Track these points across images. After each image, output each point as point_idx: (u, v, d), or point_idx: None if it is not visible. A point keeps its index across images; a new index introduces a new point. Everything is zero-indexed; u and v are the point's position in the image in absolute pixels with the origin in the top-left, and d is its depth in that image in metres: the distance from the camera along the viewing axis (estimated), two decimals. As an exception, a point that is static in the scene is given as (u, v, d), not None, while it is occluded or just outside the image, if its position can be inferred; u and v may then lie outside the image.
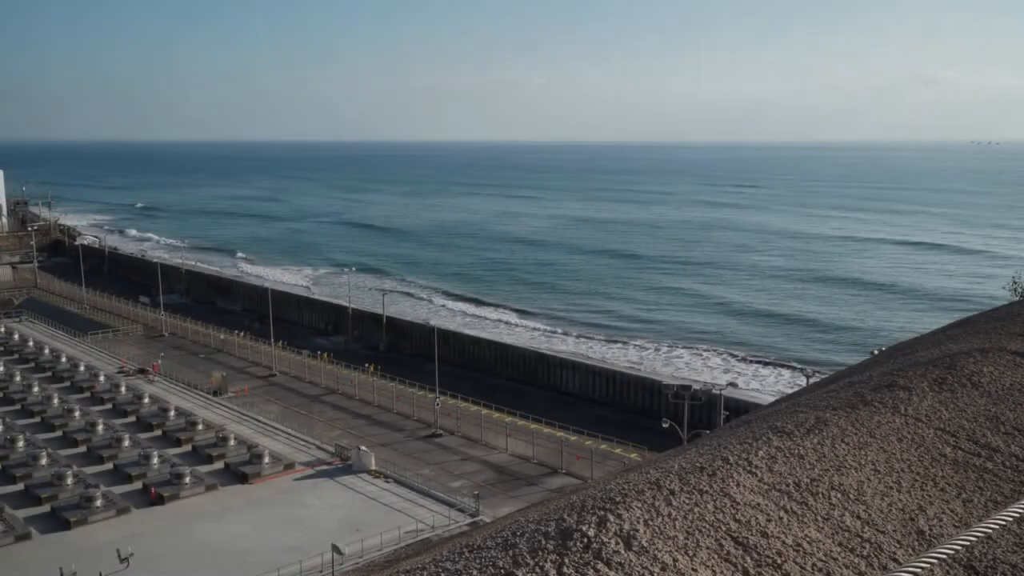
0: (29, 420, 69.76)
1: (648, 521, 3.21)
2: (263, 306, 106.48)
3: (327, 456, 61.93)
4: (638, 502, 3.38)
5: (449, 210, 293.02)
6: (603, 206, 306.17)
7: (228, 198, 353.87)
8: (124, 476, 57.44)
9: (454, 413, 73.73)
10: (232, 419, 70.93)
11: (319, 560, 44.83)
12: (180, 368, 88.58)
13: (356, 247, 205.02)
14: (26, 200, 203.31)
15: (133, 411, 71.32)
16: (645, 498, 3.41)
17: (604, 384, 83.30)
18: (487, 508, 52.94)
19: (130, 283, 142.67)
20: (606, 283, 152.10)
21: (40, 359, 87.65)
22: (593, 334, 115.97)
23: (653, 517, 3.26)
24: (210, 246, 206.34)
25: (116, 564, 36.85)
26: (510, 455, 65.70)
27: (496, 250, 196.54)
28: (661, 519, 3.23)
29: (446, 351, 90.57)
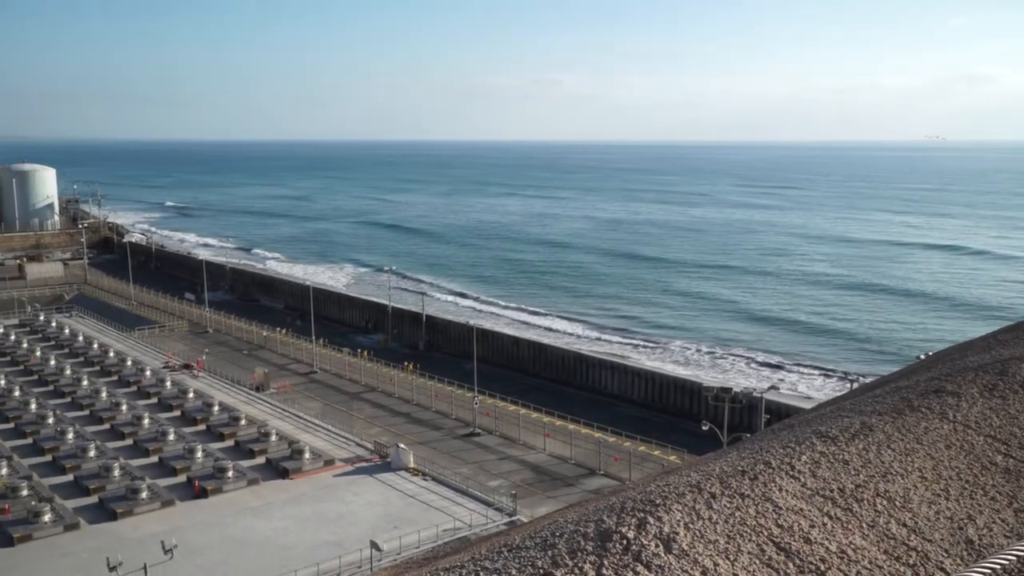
0: (78, 413, 71.26)
1: (688, 524, 3.18)
2: (305, 304, 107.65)
3: (366, 453, 62.37)
4: (678, 505, 3.35)
5: (486, 211, 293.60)
6: (641, 207, 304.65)
7: (266, 197, 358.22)
8: (169, 469, 58.42)
9: (492, 412, 73.85)
10: (274, 415, 71.79)
11: (358, 556, 45.18)
12: (224, 364, 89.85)
13: (394, 247, 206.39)
14: (77, 198, 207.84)
15: (178, 406, 72.50)
16: (685, 501, 3.38)
17: (643, 385, 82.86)
18: (524, 508, 52.94)
19: (176, 280, 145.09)
20: (644, 286, 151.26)
21: (89, 354, 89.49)
22: (632, 336, 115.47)
23: (694, 520, 3.23)
24: (250, 245, 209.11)
25: (161, 555, 37.46)
26: (548, 455, 65.63)
27: (533, 252, 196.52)
28: (702, 523, 3.20)
29: (485, 350, 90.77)
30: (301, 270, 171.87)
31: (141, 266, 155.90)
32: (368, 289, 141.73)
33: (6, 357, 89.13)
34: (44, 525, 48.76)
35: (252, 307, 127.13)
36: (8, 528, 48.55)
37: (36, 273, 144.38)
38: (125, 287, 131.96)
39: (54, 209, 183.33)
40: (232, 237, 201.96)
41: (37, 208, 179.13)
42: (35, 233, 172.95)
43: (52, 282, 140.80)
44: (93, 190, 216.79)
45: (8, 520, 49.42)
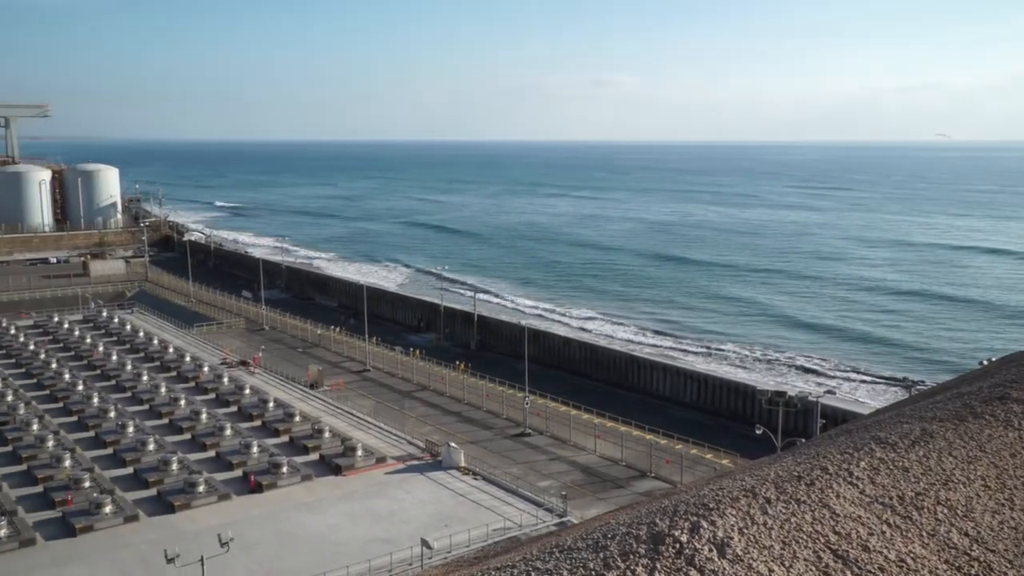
0: (139, 407, 73.02)
1: (743, 529, 3.15)
2: (358, 303, 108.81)
3: (418, 451, 62.80)
4: (732, 509, 3.31)
5: (537, 212, 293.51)
6: (695, 209, 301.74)
7: (319, 197, 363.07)
8: (226, 464, 59.52)
9: (543, 413, 73.80)
10: (327, 412, 72.70)
11: (408, 553, 45.51)
12: (279, 361, 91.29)
13: (445, 248, 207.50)
14: (139, 197, 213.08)
15: (235, 401, 73.83)
16: (740, 506, 3.34)
17: (695, 388, 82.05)
18: (575, 509, 52.81)
19: (233, 278, 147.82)
20: (696, 289, 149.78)
21: (149, 349, 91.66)
22: (683, 338, 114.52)
23: (748, 525, 3.19)
24: (304, 244, 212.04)
25: (217, 548, 38.17)
26: (598, 456, 65.36)
27: (584, 254, 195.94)
28: (756, 528, 3.16)
29: (536, 351, 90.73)
30: (355, 269, 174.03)
31: (200, 264, 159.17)
32: (420, 289, 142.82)
33: (70, 352, 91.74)
34: (105, 516, 50.07)
35: (307, 305, 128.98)
36: (71, 519, 49.98)
37: (99, 270, 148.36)
38: (184, 285, 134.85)
39: (117, 208, 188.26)
40: (287, 236, 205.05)
41: (101, 207, 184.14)
42: (99, 231, 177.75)
43: (115, 279, 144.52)
44: (154, 190, 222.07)
45: (71, 511, 50.88)
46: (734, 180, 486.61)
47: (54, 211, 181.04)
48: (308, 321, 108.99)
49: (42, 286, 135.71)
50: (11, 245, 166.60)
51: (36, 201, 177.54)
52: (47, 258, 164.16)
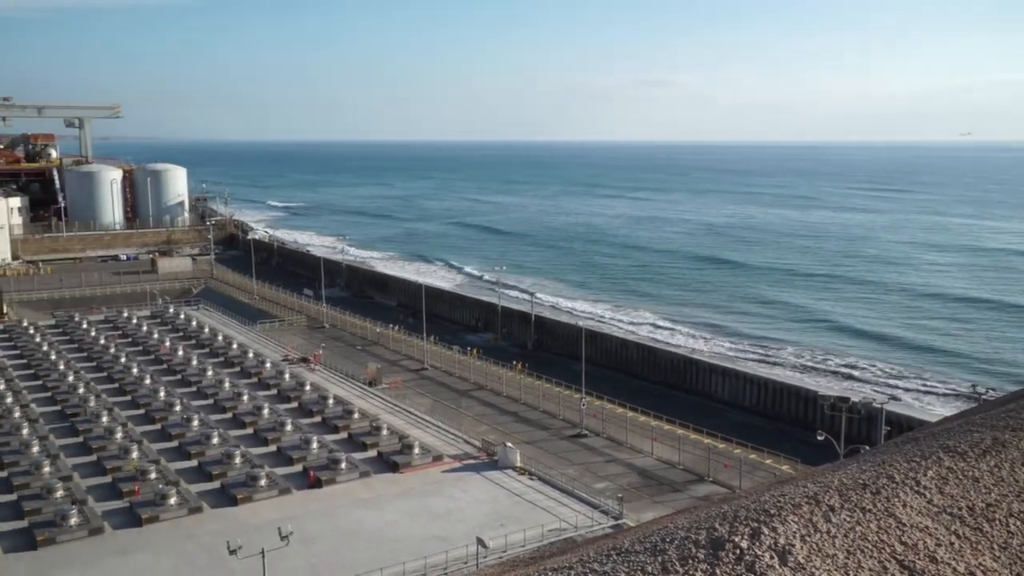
0: (203, 402, 74.75)
1: (805, 537, 3.10)
2: (417, 302, 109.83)
3: (474, 450, 63.07)
4: (795, 516, 3.26)
5: (594, 214, 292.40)
6: (755, 211, 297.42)
7: (375, 198, 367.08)
8: (286, 458, 60.55)
9: (600, 414, 73.50)
10: (385, 410, 73.45)
11: (464, 552, 45.73)
12: (339, 359, 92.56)
13: (501, 249, 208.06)
14: (205, 196, 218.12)
15: (295, 397, 75.09)
16: (802, 513, 3.29)
17: (755, 392, 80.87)
18: (631, 511, 52.48)
19: (295, 276, 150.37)
20: (756, 293, 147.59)
21: (214, 345, 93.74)
22: (740, 341, 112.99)
23: (811, 533, 3.14)
24: (362, 243, 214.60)
25: (277, 541, 38.83)
26: (655, 459, 64.84)
27: (641, 256, 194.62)
28: (819, 536, 3.11)
29: (593, 352, 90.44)
30: (413, 269, 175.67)
31: (263, 262, 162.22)
32: (477, 289, 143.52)
33: (138, 347, 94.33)
34: (170, 507, 51.36)
35: (366, 304, 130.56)
36: (137, 509, 51.39)
37: (167, 267, 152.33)
38: (248, 282, 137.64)
39: (184, 207, 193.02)
40: (346, 236, 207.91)
41: (169, 206, 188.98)
42: (166, 229, 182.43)
43: (181, 276, 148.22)
44: (220, 189, 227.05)
45: (138, 501, 52.31)
46: (794, 181, 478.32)
47: (125, 209, 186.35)
48: (367, 319, 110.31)
49: (113, 282, 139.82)
50: (84, 242, 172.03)
51: (108, 200, 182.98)
52: (118, 255, 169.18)
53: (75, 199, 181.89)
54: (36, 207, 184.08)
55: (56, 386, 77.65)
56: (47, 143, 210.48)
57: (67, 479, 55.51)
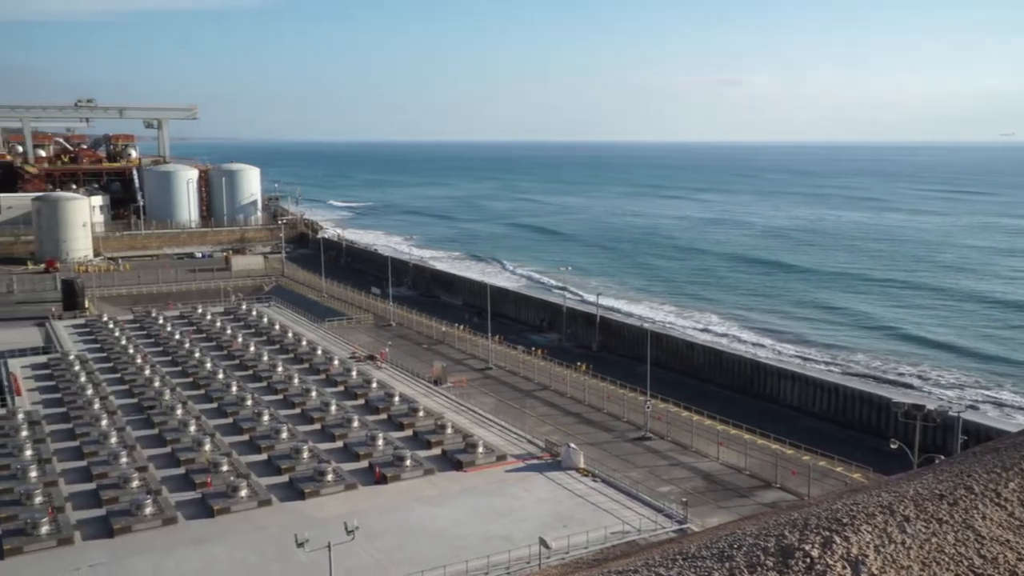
0: (273, 397, 76.31)
1: (879, 547, 3.03)
2: (482, 301, 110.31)
3: (537, 451, 63.05)
4: (868, 526, 3.19)
5: (663, 215, 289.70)
6: (828, 213, 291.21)
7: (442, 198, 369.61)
8: (353, 454, 61.42)
9: (664, 417, 72.80)
10: (450, 408, 73.94)
11: (527, 552, 45.76)
12: (405, 357, 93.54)
13: (568, 250, 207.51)
14: (277, 196, 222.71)
15: (362, 395, 76.12)
16: (876, 522, 3.21)
17: (825, 397, 79.05)
18: (695, 516, 51.84)
19: (363, 275, 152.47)
20: (826, 297, 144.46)
21: (284, 342, 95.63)
22: (809, 346, 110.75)
23: (885, 543, 3.06)
24: (428, 243, 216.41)
25: (343, 535, 39.40)
26: (721, 464, 63.94)
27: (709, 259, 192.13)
28: (894, 547, 3.04)
29: (658, 354, 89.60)
30: (479, 269, 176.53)
31: (332, 261, 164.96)
32: (541, 290, 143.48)
33: (212, 342, 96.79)
34: (241, 500, 52.57)
35: (432, 303, 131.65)
36: (209, 500, 52.74)
37: (240, 265, 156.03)
38: (317, 280, 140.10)
39: (257, 206, 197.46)
40: (414, 235, 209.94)
41: (242, 205, 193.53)
42: (240, 228, 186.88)
43: (253, 273, 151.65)
44: (291, 189, 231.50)
45: (210, 493, 53.68)
46: (869, 182, 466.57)
47: (200, 208, 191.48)
48: (433, 318, 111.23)
49: (188, 279, 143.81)
50: (161, 240, 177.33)
51: (184, 199, 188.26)
52: (193, 253, 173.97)
53: (153, 198, 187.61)
54: (117, 206, 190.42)
55: (133, 379, 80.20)
56: (127, 143, 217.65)
57: (143, 470, 57.23)
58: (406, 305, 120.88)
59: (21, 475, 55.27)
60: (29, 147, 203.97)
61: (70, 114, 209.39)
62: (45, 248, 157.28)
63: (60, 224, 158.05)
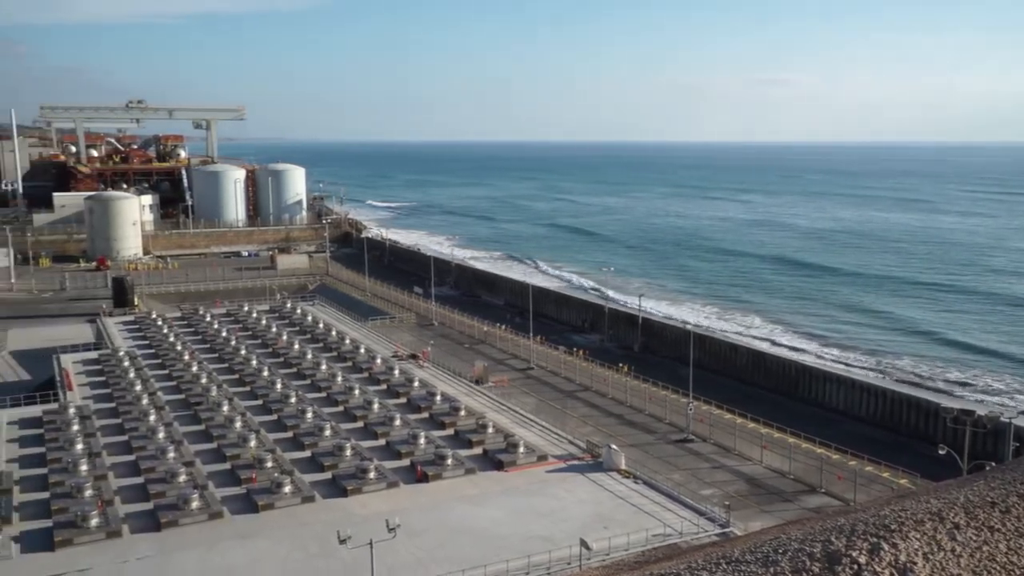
0: (317, 394, 77.12)
1: (928, 555, 3.00)
2: (524, 301, 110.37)
3: (578, 451, 62.90)
4: (916, 533, 3.16)
5: (704, 217, 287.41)
6: (874, 215, 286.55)
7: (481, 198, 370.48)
8: (395, 453, 61.82)
9: (707, 419, 72.20)
10: (491, 408, 74.05)
11: (567, 552, 45.67)
12: (446, 356, 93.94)
13: (609, 251, 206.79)
14: (322, 196, 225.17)
15: (404, 393, 76.57)
16: (925, 529, 3.18)
17: (872, 402, 77.79)
18: (738, 520, 51.31)
19: (406, 275, 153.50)
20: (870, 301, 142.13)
21: (328, 340, 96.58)
22: (856, 351, 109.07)
23: (934, 551, 3.03)
24: (471, 243, 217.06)
25: (385, 533, 39.67)
26: (765, 468, 63.24)
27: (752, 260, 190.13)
28: (943, 554, 3.00)
29: (701, 355, 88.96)
30: (520, 270, 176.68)
31: (376, 260, 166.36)
32: (583, 291, 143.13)
33: (257, 340, 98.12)
34: (284, 496, 53.22)
35: (474, 303, 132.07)
36: (254, 496, 53.48)
37: (285, 264, 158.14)
38: (361, 279, 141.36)
39: (302, 205, 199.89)
40: (456, 235, 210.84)
41: (288, 204, 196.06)
42: (285, 227, 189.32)
43: (298, 272, 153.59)
44: (336, 188, 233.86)
45: (255, 488, 54.44)
46: (917, 183, 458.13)
47: (247, 208, 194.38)
48: (475, 318, 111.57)
49: (234, 277, 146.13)
50: (209, 239, 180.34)
51: (232, 198, 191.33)
52: (239, 251, 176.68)
53: (201, 197, 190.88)
54: (166, 205, 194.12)
55: (181, 376, 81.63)
56: (176, 144, 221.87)
57: (190, 464, 58.19)
58: (448, 305, 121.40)
59: (72, 468, 56.57)
60: (82, 147, 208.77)
61: (121, 115, 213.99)
62: (96, 246, 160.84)
63: (111, 223, 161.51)
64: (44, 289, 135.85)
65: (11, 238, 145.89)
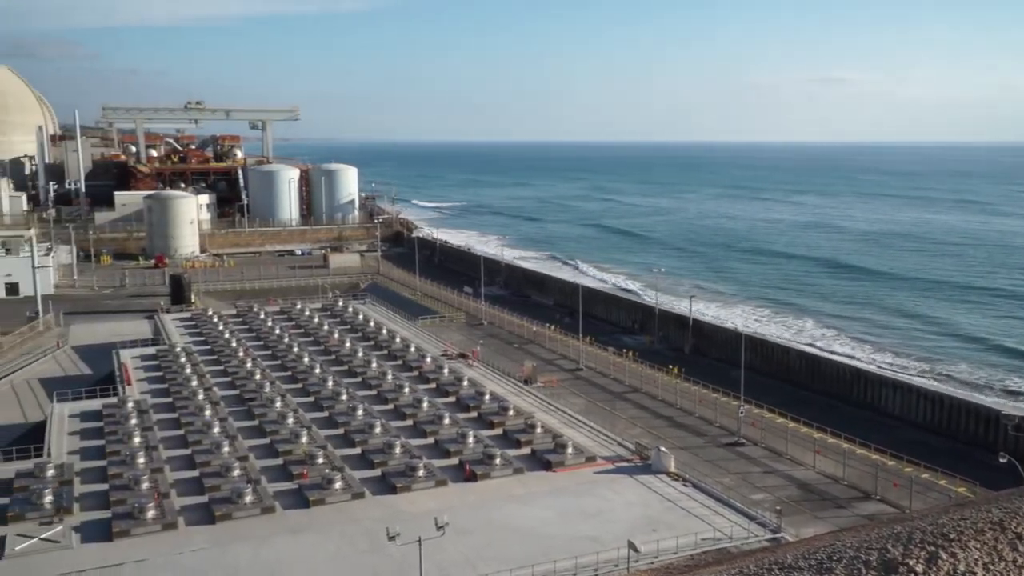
0: (368, 392, 77.88)
1: (988, 565, 2.94)
2: (573, 302, 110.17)
3: (627, 453, 62.57)
4: (976, 542, 3.11)
5: (756, 219, 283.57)
6: (934, 217, 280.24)
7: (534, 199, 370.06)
8: (443, 451, 62.16)
9: (758, 423, 71.29)
10: (540, 408, 74.02)
11: (615, 554, 45.46)
12: (495, 356, 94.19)
13: (660, 253, 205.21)
14: (375, 195, 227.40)
15: (453, 392, 76.94)
16: (985, 539, 3.12)
17: (929, 407, 76.03)
18: (789, 526, 50.60)
19: (456, 274, 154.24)
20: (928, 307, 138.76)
21: (379, 338, 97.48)
22: (911, 356, 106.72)
23: (994, 561, 2.98)
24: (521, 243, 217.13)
25: (433, 531, 39.93)
26: (817, 473, 62.22)
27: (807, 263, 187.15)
28: (1004, 565, 2.95)
29: (753, 358, 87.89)
30: (569, 271, 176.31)
31: (426, 260, 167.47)
32: (633, 291, 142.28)
33: (310, 337, 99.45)
34: (335, 492, 53.87)
35: (524, 303, 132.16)
36: (305, 491, 54.24)
37: (337, 263, 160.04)
38: (412, 279, 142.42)
39: (355, 205, 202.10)
40: (505, 235, 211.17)
41: (341, 204, 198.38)
42: (338, 226, 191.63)
43: (350, 271, 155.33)
44: (388, 188, 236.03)
45: (306, 484, 55.21)
46: (978, 185, 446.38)
47: (301, 207, 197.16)
48: (524, 318, 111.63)
49: (288, 276, 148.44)
50: (263, 238, 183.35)
51: (286, 198, 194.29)
52: (293, 250, 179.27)
53: (256, 197, 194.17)
54: (222, 204, 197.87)
55: (236, 371, 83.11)
56: (233, 144, 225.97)
57: (243, 459, 59.22)
58: (498, 304, 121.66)
59: (130, 461, 57.96)
60: (142, 147, 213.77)
61: (180, 116, 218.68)
62: (155, 244, 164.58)
63: (169, 221, 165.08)
64: (105, 286, 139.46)
65: (74, 236, 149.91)
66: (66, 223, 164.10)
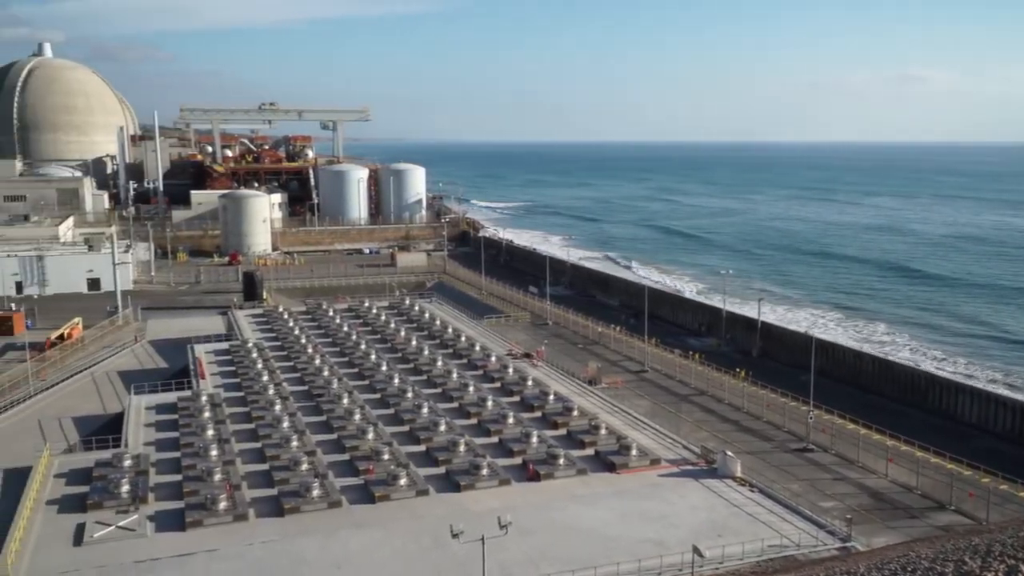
0: (433, 390, 78.56)
1: (1070, 581, 2.87)
2: (639, 303, 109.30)
3: (692, 456, 61.89)
4: (1058, 558, 3.02)
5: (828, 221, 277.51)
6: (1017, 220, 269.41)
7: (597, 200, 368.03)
8: (507, 450, 62.37)
9: (828, 429, 69.73)
10: (604, 409, 73.70)
11: (679, 559, 44.98)
12: (560, 356, 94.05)
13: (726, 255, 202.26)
14: (441, 195, 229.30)
15: (518, 392, 77.10)
16: (1067, 555, 3.04)
17: (1008, 415, 73.35)
18: (860, 535, 49.37)
19: (521, 274, 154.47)
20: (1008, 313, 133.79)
21: (444, 337, 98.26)
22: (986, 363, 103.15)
23: (1076, 577, 2.90)
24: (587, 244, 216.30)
25: (496, 530, 40.03)
26: (890, 481, 60.57)
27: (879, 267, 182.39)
28: (1087, 581, 2.87)
29: (822, 362, 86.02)
30: (637, 271, 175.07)
31: (492, 259, 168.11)
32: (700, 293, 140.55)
33: (377, 335, 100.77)
34: (400, 488, 54.52)
35: (589, 303, 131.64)
36: (371, 487, 55.01)
37: (404, 261, 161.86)
38: (477, 278, 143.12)
39: (422, 204, 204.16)
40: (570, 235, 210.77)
41: (408, 203, 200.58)
42: (405, 226, 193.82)
43: (417, 270, 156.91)
44: (455, 188, 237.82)
45: (372, 480, 55.99)
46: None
47: (369, 206, 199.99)
48: (589, 319, 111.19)
49: (356, 274, 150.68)
50: (333, 236, 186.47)
51: (355, 197, 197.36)
52: (361, 249, 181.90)
53: (327, 196, 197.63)
54: (293, 203, 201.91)
55: (305, 368, 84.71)
56: (305, 144, 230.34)
57: (312, 454, 60.33)
58: (563, 304, 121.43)
59: (203, 453, 59.58)
60: (217, 147, 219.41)
61: (254, 116, 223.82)
62: (229, 242, 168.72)
63: (243, 220, 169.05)
64: (181, 282, 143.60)
65: (152, 233, 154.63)
66: (144, 221, 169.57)
